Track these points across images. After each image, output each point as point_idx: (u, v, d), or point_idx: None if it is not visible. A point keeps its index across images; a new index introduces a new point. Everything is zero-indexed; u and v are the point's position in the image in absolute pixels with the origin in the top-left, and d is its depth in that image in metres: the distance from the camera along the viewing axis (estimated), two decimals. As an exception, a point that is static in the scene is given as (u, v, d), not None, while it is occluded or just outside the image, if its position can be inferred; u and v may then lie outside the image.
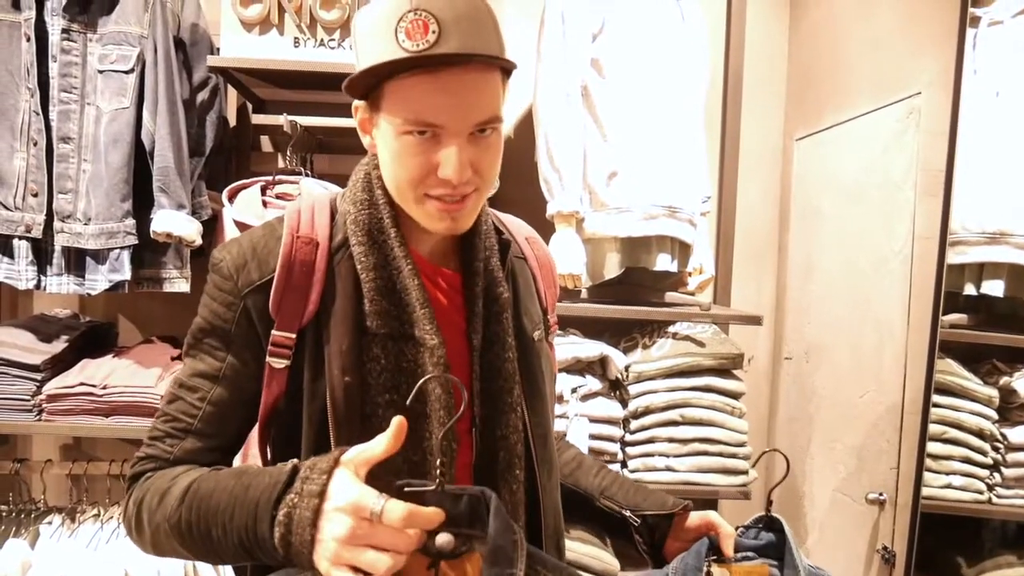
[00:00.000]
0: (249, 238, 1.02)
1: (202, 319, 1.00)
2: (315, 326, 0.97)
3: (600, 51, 2.02)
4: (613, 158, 2.01)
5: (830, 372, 2.22)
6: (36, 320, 2.20)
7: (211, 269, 1.01)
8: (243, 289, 0.97)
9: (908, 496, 1.77)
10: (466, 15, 0.89)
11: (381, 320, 0.97)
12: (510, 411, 1.03)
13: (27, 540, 1.99)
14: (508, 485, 1.02)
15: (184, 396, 0.99)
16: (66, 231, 1.93)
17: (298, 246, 0.98)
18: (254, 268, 0.98)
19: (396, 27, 0.88)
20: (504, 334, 1.04)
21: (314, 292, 0.97)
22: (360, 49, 0.93)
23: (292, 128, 2.03)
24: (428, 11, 0.87)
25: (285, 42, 2.02)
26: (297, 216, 1.01)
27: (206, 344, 0.99)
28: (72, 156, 1.94)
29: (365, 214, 1.00)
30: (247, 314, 0.97)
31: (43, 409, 1.99)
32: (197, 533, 0.89)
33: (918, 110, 1.82)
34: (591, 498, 1.22)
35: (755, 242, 2.57)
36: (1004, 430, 1.82)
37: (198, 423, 0.98)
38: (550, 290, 1.20)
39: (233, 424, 1.01)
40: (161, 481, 0.94)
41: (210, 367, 0.99)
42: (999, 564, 1.84)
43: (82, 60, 1.93)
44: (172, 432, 0.98)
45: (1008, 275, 1.77)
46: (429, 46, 0.87)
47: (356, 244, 0.99)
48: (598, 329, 2.25)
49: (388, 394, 0.96)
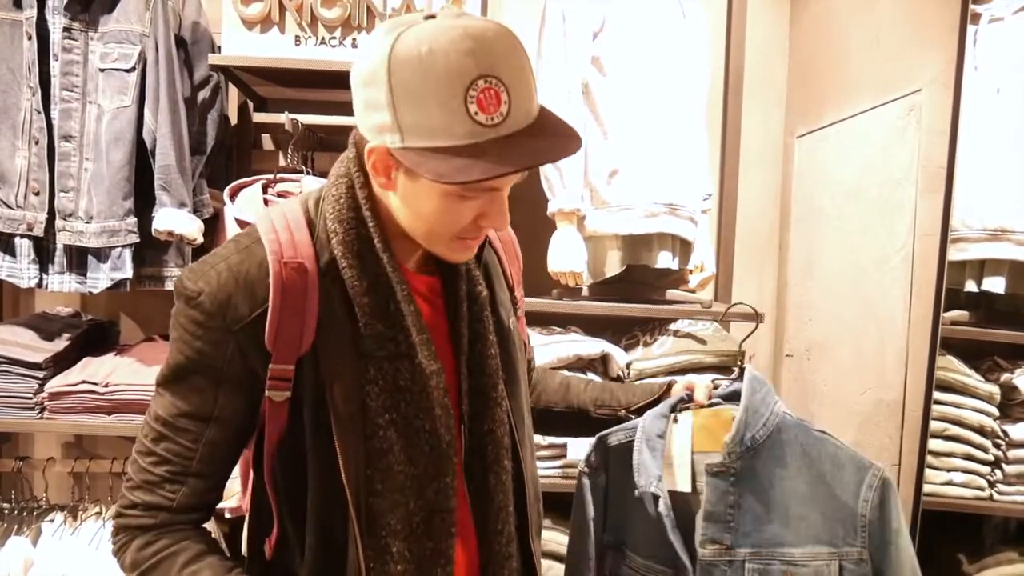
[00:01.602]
0: (226, 264, 0.94)
1: (185, 357, 0.93)
2: (312, 354, 0.93)
3: (601, 49, 2.02)
4: (614, 156, 2.01)
5: (831, 369, 2.22)
6: (38, 318, 2.20)
7: (186, 303, 0.93)
8: (232, 326, 0.91)
9: (909, 493, 1.77)
10: (518, 67, 0.85)
11: (377, 343, 0.95)
12: (495, 405, 1.04)
13: (29, 538, 2.00)
14: (498, 476, 1.04)
15: (173, 436, 0.94)
16: (68, 229, 1.94)
17: (287, 273, 0.92)
18: (242, 302, 0.92)
19: (466, 97, 0.81)
20: (486, 332, 1.05)
21: (310, 320, 0.93)
22: (403, 102, 0.83)
23: (293, 126, 2.03)
24: (498, 78, 0.82)
25: (286, 40, 2.03)
26: (276, 237, 0.94)
27: (191, 382, 0.93)
28: (74, 154, 1.94)
29: (353, 234, 0.95)
30: (240, 351, 0.92)
31: (45, 407, 1.99)
32: None
33: (919, 107, 1.82)
34: (587, 412, 1.32)
35: (756, 239, 2.57)
36: (1005, 427, 1.82)
37: (196, 465, 0.95)
38: (513, 265, 1.20)
39: (228, 460, 1.00)
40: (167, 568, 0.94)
41: (199, 408, 0.94)
42: (1000, 561, 1.84)
43: (83, 58, 1.94)
44: (168, 477, 0.95)
45: (1009, 272, 1.77)
46: (503, 119, 0.83)
47: (347, 268, 0.94)
48: (599, 327, 2.25)
49: (388, 414, 0.95)
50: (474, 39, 0.81)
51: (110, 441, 2.34)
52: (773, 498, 1.16)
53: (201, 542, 0.98)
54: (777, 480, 1.17)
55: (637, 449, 1.24)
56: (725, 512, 1.18)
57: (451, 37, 0.81)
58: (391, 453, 0.94)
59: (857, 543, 1.12)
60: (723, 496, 1.18)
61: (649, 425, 1.25)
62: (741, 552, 1.18)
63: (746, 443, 1.18)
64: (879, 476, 1.12)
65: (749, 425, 1.18)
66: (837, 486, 1.14)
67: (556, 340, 2.07)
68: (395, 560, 0.95)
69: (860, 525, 1.12)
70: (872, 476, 1.12)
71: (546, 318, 2.17)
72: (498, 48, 0.83)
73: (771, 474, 1.17)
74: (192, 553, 0.95)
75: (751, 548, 1.17)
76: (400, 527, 0.95)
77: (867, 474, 1.13)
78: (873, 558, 1.14)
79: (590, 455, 1.32)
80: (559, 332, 2.15)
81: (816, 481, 1.15)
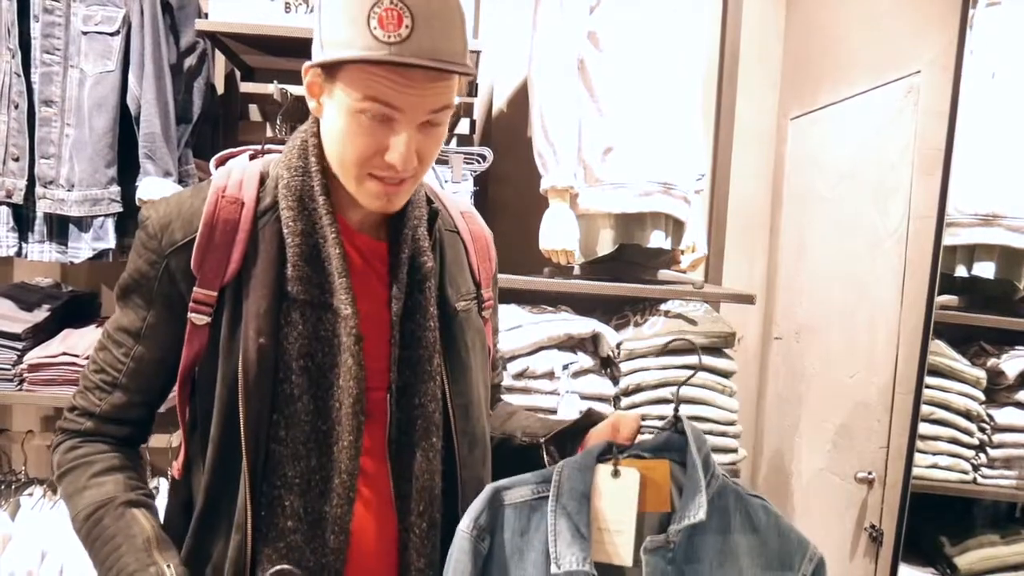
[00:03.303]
0: (177, 197, 1.04)
1: (127, 275, 1.03)
2: (236, 285, 0.99)
3: (597, 24, 1.99)
4: (609, 133, 1.99)
5: (821, 352, 2.23)
6: (17, 288, 2.15)
7: (139, 225, 1.03)
8: (166, 248, 1.00)
9: (897, 475, 1.78)
10: (439, 12, 0.91)
11: (302, 286, 0.99)
12: (429, 380, 1.05)
13: (7, 511, 1.97)
14: (425, 453, 1.04)
15: (110, 348, 1.04)
16: (48, 197, 1.89)
17: (222, 205, 1.00)
18: (178, 228, 1.00)
19: (369, 13, 0.88)
20: (427, 303, 1.06)
21: (236, 252, 0.99)
22: (325, 20, 0.93)
23: (282, 96, 1.98)
24: (403, 2, 0.88)
25: (276, 7, 1.97)
26: (226, 177, 1.03)
27: (131, 299, 1.03)
28: (55, 120, 1.89)
29: (298, 180, 1.01)
30: (169, 273, 1.00)
31: (24, 379, 1.95)
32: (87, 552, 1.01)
33: (917, 89, 1.81)
34: (512, 439, 1.20)
35: (747, 221, 2.57)
36: (991, 411, 1.83)
37: (123, 378, 1.03)
38: (484, 264, 1.19)
39: (156, 381, 1.05)
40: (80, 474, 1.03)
41: (132, 324, 1.03)
42: (982, 543, 1.87)
43: (65, 21, 1.88)
44: (100, 384, 1.04)
45: (999, 257, 1.78)
46: (401, 40, 0.88)
47: (285, 208, 1.00)
48: (590, 306, 2.24)
49: (303, 360, 0.98)
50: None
51: (91, 415, 2.30)
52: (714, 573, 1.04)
53: (117, 457, 1.05)
54: (718, 553, 1.04)
55: (552, 512, 1.00)
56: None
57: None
58: (300, 401, 0.98)
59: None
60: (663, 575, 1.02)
61: (569, 481, 1.02)
62: None
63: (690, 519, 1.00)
64: (817, 553, 1.05)
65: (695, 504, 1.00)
66: (778, 558, 1.05)
67: (547, 319, 2.05)
68: (287, 516, 0.97)
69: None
70: (812, 550, 1.05)
71: (536, 296, 2.15)
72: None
73: (712, 548, 1.04)
74: (105, 465, 1.04)
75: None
76: (298, 481, 0.97)
77: (808, 547, 1.05)
78: None
79: (480, 514, 1.03)
80: (549, 311, 2.13)
81: (757, 552, 1.04)
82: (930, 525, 1.89)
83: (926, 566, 1.88)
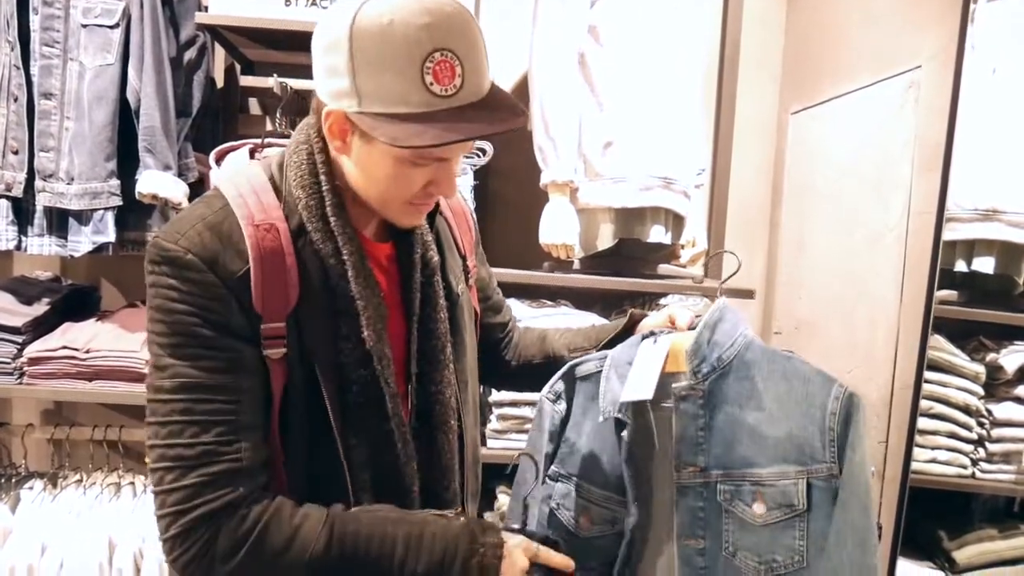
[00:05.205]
0: (204, 224, 0.93)
1: (178, 319, 0.90)
2: (297, 312, 0.96)
3: (598, 18, 1.99)
4: (609, 128, 1.98)
5: (820, 347, 2.23)
6: (17, 282, 2.15)
7: (167, 262, 0.90)
8: (227, 280, 0.91)
9: (896, 470, 1.78)
10: (472, 43, 0.90)
11: (346, 302, 0.99)
12: (443, 367, 1.09)
13: (7, 505, 1.97)
14: (445, 436, 1.09)
15: (208, 397, 0.90)
16: (48, 190, 1.89)
17: (261, 235, 0.94)
18: (230, 260, 0.92)
19: (422, 67, 0.86)
20: (436, 296, 1.09)
21: (291, 279, 0.95)
22: (361, 67, 0.87)
23: (282, 90, 1.98)
24: (452, 51, 0.87)
25: (276, 1, 1.97)
26: (244, 202, 0.95)
27: (202, 340, 0.90)
28: (54, 113, 1.88)
29: (315, 200, 0.98)
30: (240, 304, 0.92)
31: (24, 372, 1.95)
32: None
33: (918, 84, 1.81)
34: (562, 358, 1.32)
35: (747, 216, 2.56)
36: (990, 406, 1.84)
37: (244, 417, 0.92)
38: (466, 236, 1.24)
39: (266, 413, 0.95)
40: (282, 532, 0.91)
41: (221, 361, 0.91)
42: (980, 538, 1.87)
43: (65, 13, 1.88)
44: (223, 439, 0.90)
45: (999, 252, 1.78)
46: (456, 91, 0.88)
47: (313, 231, 0.98)
48: (589, 301, 2.24)
49: (362, 369, 0.99)
50: (431, 13, 0.87)
51: (90, 408, 2.30)
52: (742, 419, 1.13)
53: (313, 507, 0.95)
54: (745, 400, 1.14)
55: (605, 376, 1.23)
56: (696, 435, 1.16)
57: (411, 10, 0.86)
58: (367, 407, 1.00)
59: (827, 458, 1.08)
60: (693, 419, 1.16)
61: (619, 354, 1.24)
62: (714, 474, 1.15)
63: (712, 363, 1.15)
64: (845, 390, 1.09)
65: (715, 345, 1.15)
66: (805, 400, 1.10)
67: (546, 314, 2.06)
68: None
69: (829, 440, 1.08)
70: (838, 388, 1.09)
71: (536, 291, 2.15)
72: (454, 23, 0.88)
73: (739, 394, 1.15)
74: (291, 505, 0.93)
75: (722, 470, 1.14)
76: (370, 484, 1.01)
77: (833, 386, 1.09)
78: None
79: (556, 382, 1.30)
80: (549, 306, 2.14)
81: (784, 397, 1.12)
82: (929, 520, 1.89)
83: (924, 560, 1.88)
